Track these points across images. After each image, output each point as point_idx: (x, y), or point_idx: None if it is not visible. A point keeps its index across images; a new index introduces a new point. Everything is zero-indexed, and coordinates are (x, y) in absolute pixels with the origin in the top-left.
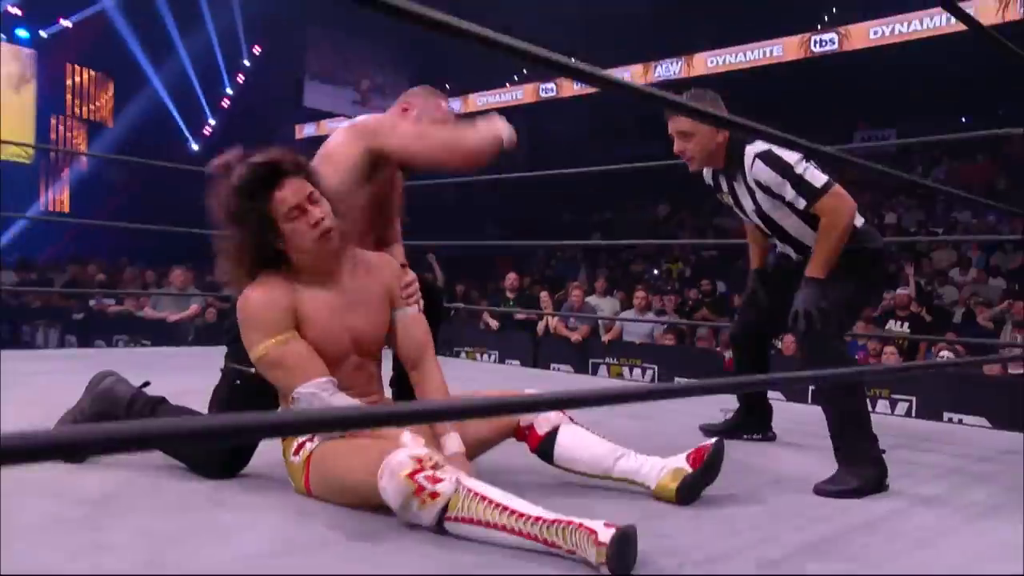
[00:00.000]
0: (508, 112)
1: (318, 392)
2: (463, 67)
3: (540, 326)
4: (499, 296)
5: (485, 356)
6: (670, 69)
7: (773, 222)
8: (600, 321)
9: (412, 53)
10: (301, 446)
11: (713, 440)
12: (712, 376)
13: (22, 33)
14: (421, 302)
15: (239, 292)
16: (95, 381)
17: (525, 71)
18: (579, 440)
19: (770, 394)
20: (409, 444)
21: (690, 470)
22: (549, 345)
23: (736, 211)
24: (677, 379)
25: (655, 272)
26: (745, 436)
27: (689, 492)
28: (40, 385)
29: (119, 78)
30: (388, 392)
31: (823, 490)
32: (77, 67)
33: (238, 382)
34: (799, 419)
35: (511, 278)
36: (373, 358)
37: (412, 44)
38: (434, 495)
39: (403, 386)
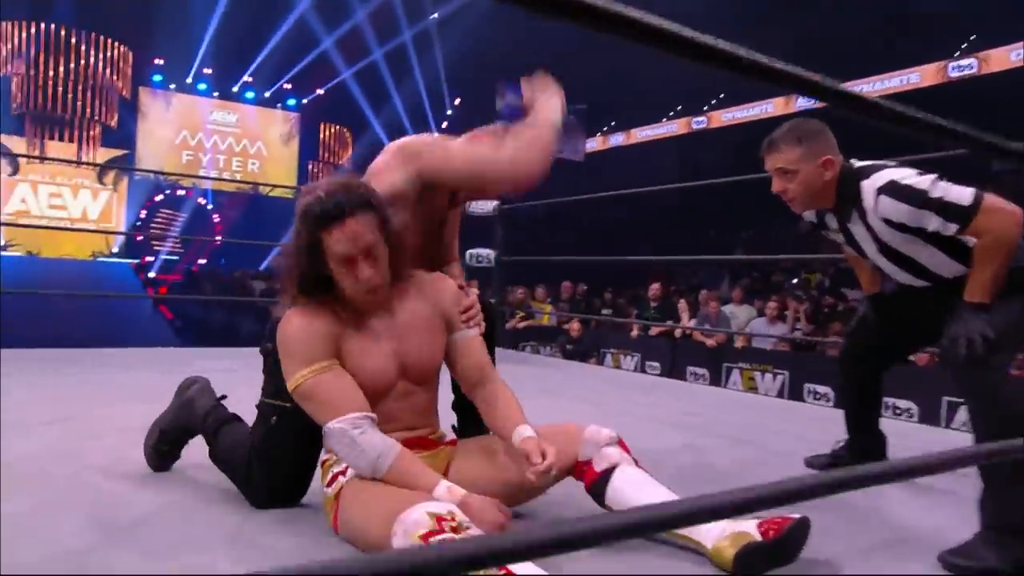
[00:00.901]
0: (664, 144)
1: (347, 429)
2: (625, 106)
3: (677, 331)
4: (644, 304)
5: (628, 358)
6: (812, 100)
7: (903, 258)
8: (733, 327)
9: (581, 96)
10: (335, 478)
11: (798, 516)
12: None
13: (291, 102)
14: (483, 324)
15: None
16: (183, 387)
17: (680, 107)
18: (635, 483)
19: (903, 409)
20: (443, 496)
21: (758, 539)
22: (686, 349)
23: (847, 249)
24: (807, 386)
25: (794, 282)
26: None
27: (748, 563)
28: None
29: (354, 129)
30: (452, 418)
31: (950, 563)
32: (326, 124)
33: (274, 419)
34: (930, 449)
35: (654, 288)
36: (424, 386)
37: (581, 86)
38: None
39: (465, 411)
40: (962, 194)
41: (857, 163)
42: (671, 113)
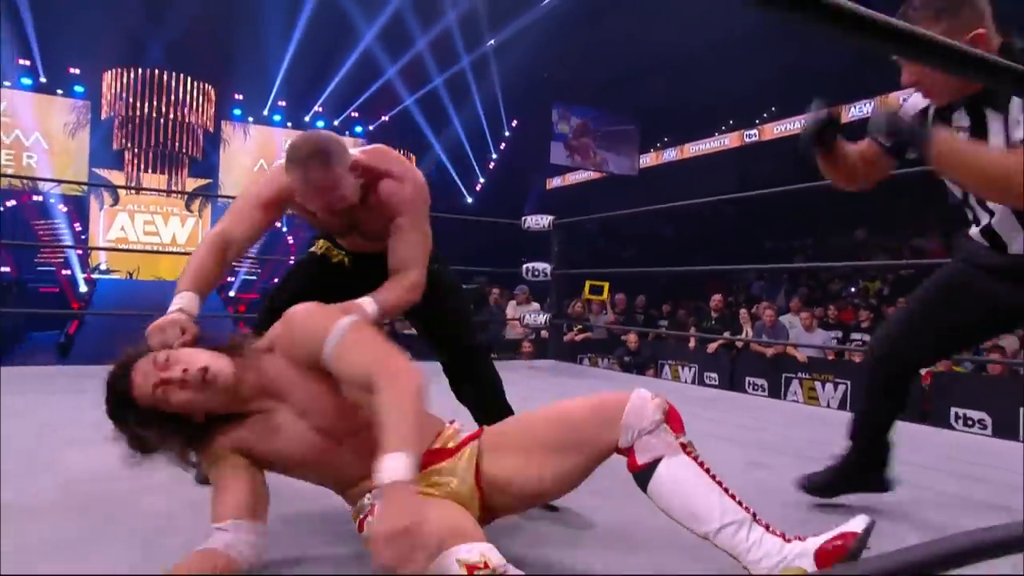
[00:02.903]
0: (717, 157)
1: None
2: (676, 123)
3: (739, 342)
4: (705, 315)
5: (686, 370)
6: (863, 109)
7: None
8: (790, 337)
9: (634, 116)
10: (361, 524)
11: (860, 527)
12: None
13: (358, 129)
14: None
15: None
16: None
17: (731, 121)
18: (681, 484)
19: (976, 420)
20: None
21: (813, 571)
22: (745, 360)
23: None
24: None
25: (852, 290)
26: (858, 489)
27: None
28: None
29: (417, 152)
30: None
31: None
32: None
33: None
34: (1009, 465)
35: (716, 299)
36: (360, 431)
37: (633, 109)
38: None
39: (470, 401)
40: None
41: None
42: (723, 127)
